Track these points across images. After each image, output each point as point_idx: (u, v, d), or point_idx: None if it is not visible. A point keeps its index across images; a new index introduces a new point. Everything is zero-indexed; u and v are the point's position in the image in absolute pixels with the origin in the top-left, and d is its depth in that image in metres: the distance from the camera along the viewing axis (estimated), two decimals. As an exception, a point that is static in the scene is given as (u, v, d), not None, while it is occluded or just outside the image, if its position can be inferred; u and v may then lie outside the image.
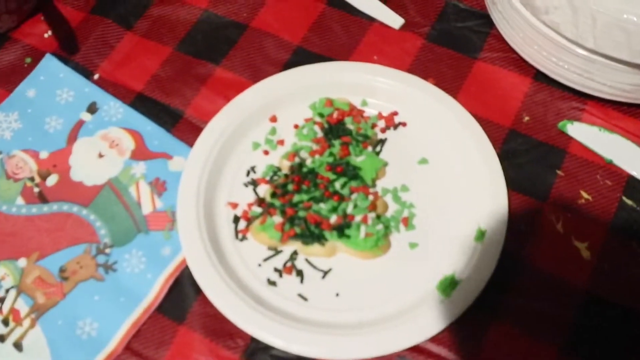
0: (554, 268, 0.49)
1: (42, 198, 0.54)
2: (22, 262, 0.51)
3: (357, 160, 0.51)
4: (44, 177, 0.54)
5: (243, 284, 0.48)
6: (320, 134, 0.53)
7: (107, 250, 0.51)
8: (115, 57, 0.61)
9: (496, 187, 0.50)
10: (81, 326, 0.49)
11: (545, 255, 0.49)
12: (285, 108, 0.55)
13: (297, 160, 0.52)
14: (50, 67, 0.59)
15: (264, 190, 0.52)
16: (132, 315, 0.48)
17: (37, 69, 0.59)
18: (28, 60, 0.61)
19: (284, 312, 0.47)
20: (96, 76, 0.59)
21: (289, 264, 0.49)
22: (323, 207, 0.49)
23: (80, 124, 0.56)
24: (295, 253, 0.49)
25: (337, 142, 0.52)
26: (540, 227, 0.50)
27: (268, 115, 0.55)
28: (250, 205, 0.51)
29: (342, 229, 0.48)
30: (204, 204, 0.50)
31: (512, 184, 0.51)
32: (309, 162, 0.51)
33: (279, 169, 0.52)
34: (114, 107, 0.57)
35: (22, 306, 0.50)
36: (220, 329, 0.47)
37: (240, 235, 0.50)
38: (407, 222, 0.50)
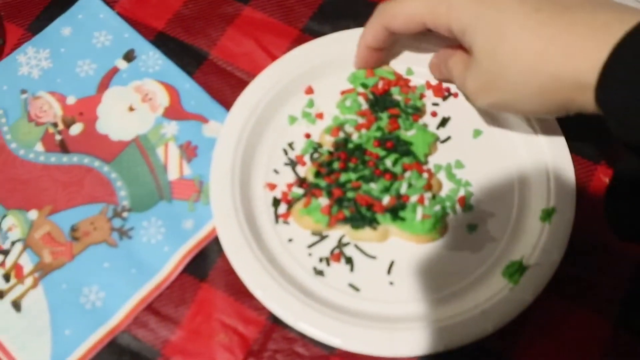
0: (606, 237, 0.43)
1: (63, 147, 0.49)
2: (33, 214, 0.47)
3: (408, 134, 0.46)
4: (68, 125, 0.50)
5: (288, 274, 0.43)
6: (365, 106, 0.47)
7: (125, 214, 0.46)
8: (134, -9, 0.55)
9: (561, 158, 0.44)
10: (86, 293, 0.44)
11: (597, 224, 0.43)
12: (322, 78, 0.49)
13: (341, 135, 0.46)
14: (91, 6, 0.54)
15: (305, 169, 0.46)
16: (141, 290, 0.44)
17: (76, 6, 0.54)
18: None
19: (334, 304, 0.42)
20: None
21: (336, 251, 0.44)
22: (374, 187, 0.43)
23: (114, 71, 0.51)
24: (343, 238, 0.44)
25: (384, 115, 0.46)
26: (593, 192, 0.46)
27: (303, 87, 0.49)
28: (290, 186, 0.46)
29: (396, 211, 0.43)
30: (239, 185, 0.45)
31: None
32: (355, 137, 0.46)
33: (319, 145, 0.47)
34: (152, 58, 0.52)
35: (27, 262, 0.45)
36: (244, 287, 0.42)
37: (280, 220, 0.45)
38: (464, 202, 0.44)
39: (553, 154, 0.45)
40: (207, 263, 0.45)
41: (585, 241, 0.44)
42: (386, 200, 0.43)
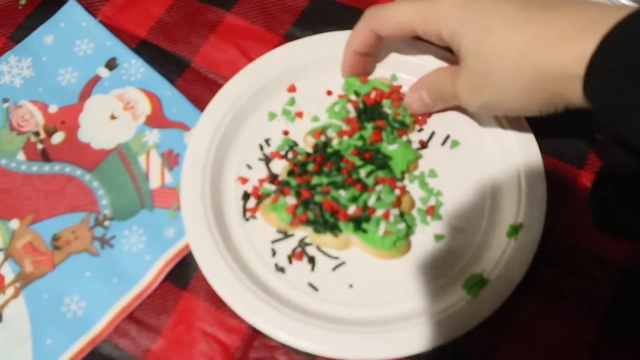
0: (589, 241, 0.44)
1: (45, 156, 0.49)
2: (14, 223, 0.47)
3: (389, 148, 0.45)
4: (50, 133, 0.50)
5: (249, 269, 0.43)
6: (353, 114, 0.47)
7: (106, 223, 0.46)
8: (117, 0, 0.55)
9: (534, 175, 0.44)
10: (67, 303, 0.44)
11: (580, 228, 0.44)
12: (306, 78, 0.49)
13: (322, 138, 0.46)
14: (73, 14, 0.54)
15: (280, 166, 0.46)
16: (122, 299, 0.44)
17: (58, 14, 0.54)
18: (23, 1, 0.55)
19: (292, 302, 0.42)
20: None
21: (298, 250, 0.44)
22: (343, 194, 0.43)
23: (95, 79, 0.51)
24: (305, 239, 0.44)
25: (369, 126, 0.46)
26: (575, 197, 0.45)
27: (286, 85, 0.49)
28: (261, 181, 0.46)
29: (359, 222, 0.43)
30: (210, 177, 0.45)
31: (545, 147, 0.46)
32: (335, 142, 0.46)
33: (295, 144, 0.47)
34: (134, 66, 0.52)
35: (8, 272, 0.45)
36: None
37: (248, 215, 0.45)
38: (433, 212, 0.44)
39: (527, 170, 0.44)
40: (188, 271, 0.45)
41: (568, 246, 0.44)
42: (352, 209, 0.43)
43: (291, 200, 0.43)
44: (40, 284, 0.45)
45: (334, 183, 0.44)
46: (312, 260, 0.43)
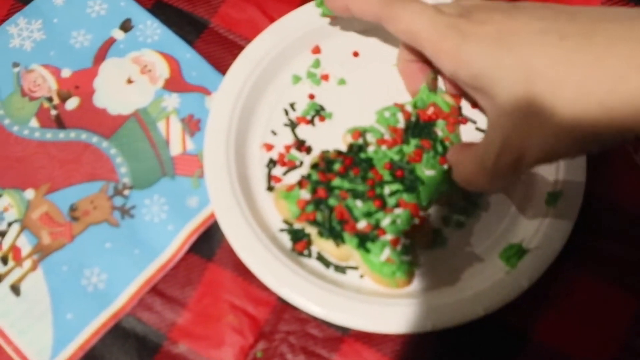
0: (632, 205, 0.42)
1: (59, 122, 0.47)
2: (29, 193, 0.45)
3: (426, 172, 0.41)
4: (63, 99, 0.47)
5: (277, 239, 0.41)
6: (401, 124, 0.43)
7: (126, 192, 0.44)
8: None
9: None
10: (88, 276, 0.42)
11: (622, 192, 0.42)
12: (331, 38, 0.46)
13: (360, 141, 0.43)
14: (84, -27, 0.51)
15: (306, 131, 0.44)
16: (145, 271, 0.42)
17: (69, -27, 0.51)
18: None
19: (321, 274, 0.40)
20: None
21: (305, 239, 0.41)
22: (359, 205, 0.40)
23: (110, 42, 0.49)
24: (308, 236, 0.41)
25: (413, 142, 0.42)
26: (616, 158, 0.43)
27: (310, 46, 0.46)
28: (288, 147, 0.44)
29: (364, 239, 0.39)
30: (235, 143, 0.43)
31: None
32: (371, 149, 0.42)
33: (322, 108, 0.45)
34: (150, 27, 0.49)
35: (25, 244, 0.43)
36: None
37: (272, 184, 0.43)
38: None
39: None
40: (213, 242, 0.43)
41: (610, 211, 0.43)
42: (362, 224, 0.39)
43: (305, 194, 0.41)
44: (58, 256, 0.43)
45: (353, 191, 0.40)
46: (320, 257, 0.41)
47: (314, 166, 0.42)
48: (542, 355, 0.40)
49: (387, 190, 0.40)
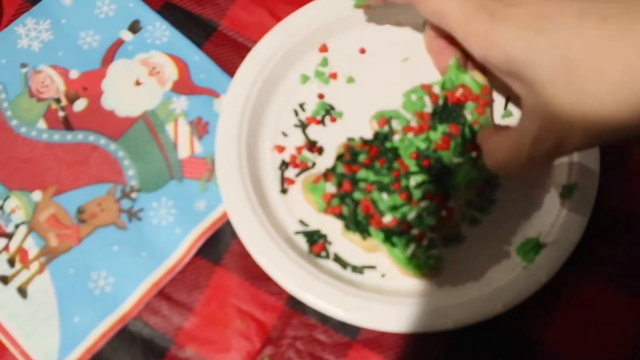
0: None
1: (67, 124, 0.46)
2: (36, 195, 0.45)
3: (453, 160, 0.40)
4: (71, 100, 0.47)
5: (292, 241, 0.41)
6: (428, 109, 0.42)
7: (134, 195, 0.44)
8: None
9: None
10: (95, 279, 0.42)
11: (633, 197, 0.42)
12: (337, 35, 0.46)
13: (386, 129, 0.42)
14: (93, -27, 0.51)
15: (317, 132, 0.44)
16: (152, 274, 0.42)
17: (78, -26, 0.51)
18: None
19: (337, 274, 0.40)
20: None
21: (321, 241, 0.41)
22: (384, 199, 0.39)
23: (118, 43, 0.48)
24: (327, 237, 0.41)
25: (441, 129, 0.41)
26: (630, 164, 0.43)
27: (317, 44, 0.46)
28: (299, 149, 0.43)
29: (390, 235, 0.39)
30: (246, 146, 0.43)
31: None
32: (396, 137, 0.41)
33: (332, 107, 0.44)
34: (159, 29, 0.49)
35: (32, 246, 0.43)
36: (261, 271, 0.40)
37: (286, 186, 0.43)
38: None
39: None
40: (221, 246, 0.42)
41: (621, 212, 0.42)
42: (388, 219, 0.39)
43: (330, 188, 0.40)
44: (66, 259, 0.43)
45: (379, 183, 0.40)
46: (338, 259, 0.41)
47: (339, 157, 0.41)
48: (551, 361, 0.40)
49: (412, 181, 0.40)
